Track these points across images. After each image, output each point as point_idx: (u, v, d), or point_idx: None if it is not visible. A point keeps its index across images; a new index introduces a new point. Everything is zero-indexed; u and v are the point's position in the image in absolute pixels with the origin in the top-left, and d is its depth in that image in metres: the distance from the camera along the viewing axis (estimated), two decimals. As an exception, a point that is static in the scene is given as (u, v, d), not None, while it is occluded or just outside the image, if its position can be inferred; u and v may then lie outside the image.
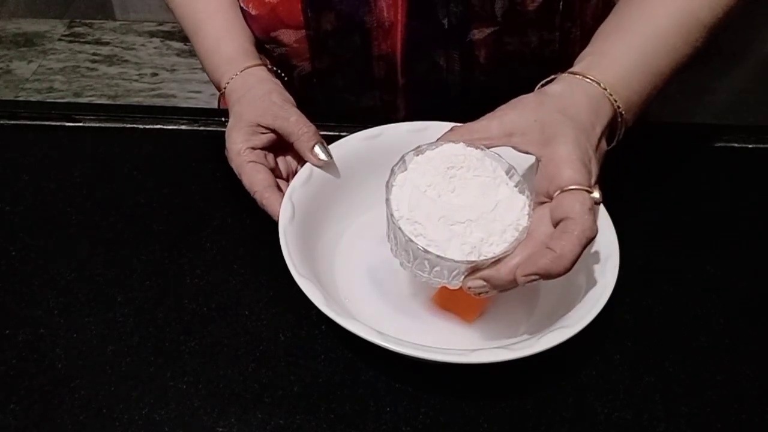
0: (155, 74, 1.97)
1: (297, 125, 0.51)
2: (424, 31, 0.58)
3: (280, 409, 0.43)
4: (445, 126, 0.54)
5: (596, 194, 0.42)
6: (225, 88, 0.56)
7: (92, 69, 1.98)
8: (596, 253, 0.47)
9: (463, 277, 0.42)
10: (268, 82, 0.55)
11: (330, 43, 0.59)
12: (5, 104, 0.64)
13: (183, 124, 0.63)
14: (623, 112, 0.47)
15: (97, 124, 0.63)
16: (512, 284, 0.40)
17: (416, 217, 0.41)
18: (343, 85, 0.63)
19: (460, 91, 0.63)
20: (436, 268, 0.41)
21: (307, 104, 0.54)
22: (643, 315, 0.49)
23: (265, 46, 0.61)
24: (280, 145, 0.53)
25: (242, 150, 0.51)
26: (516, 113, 0.45)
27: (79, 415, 0.42)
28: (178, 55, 2.05)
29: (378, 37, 0.58)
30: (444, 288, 0.48)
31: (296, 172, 0.51)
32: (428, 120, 0.54)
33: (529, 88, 0.62)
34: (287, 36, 0.59)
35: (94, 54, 2.03)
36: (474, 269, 0.41)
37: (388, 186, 0.42)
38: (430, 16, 0.57)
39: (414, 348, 0.41)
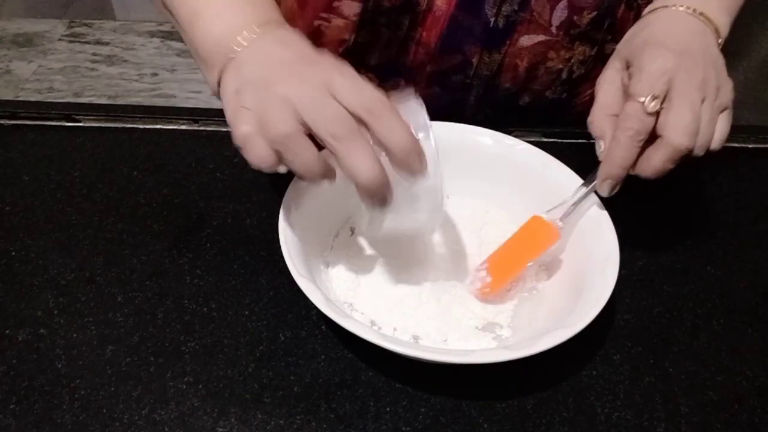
0: (155, 74, 1.98)
1: None
2: (466, 24, 0.58)
3: (280, 409, 0.43)
4: (445, 126, 0.55)
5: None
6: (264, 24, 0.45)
7: (92, 69, 1.98)
8: (596, 253, 0.47)
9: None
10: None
11: (381, 20, 0.59)
12: (5, 104, 0.64)
13: (183, 124, 0.63)
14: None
15: (97, 124, 0.63)
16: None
17: None
18: (374, 65, 0.63)
19: (480, 94, 0.64)
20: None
21: None
22: (643, 315, 0.49)
23: (314, 23, 0.60)
24: None
25: None
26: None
27: (79, 415, 0.42)
28: (178, 55, 2.05)
29: (425, 23, 0.58)
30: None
31: None
32: (433, 116, 0.54)
33: (541, 112, 0.62)
34: (348, 8, 0.58)
35: (94, 54, 2.03)
36: None
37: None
38: (477, 12, 0.57)
39: (414, 348, 0.41)
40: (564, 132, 0.64)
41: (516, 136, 0.55)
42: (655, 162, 0.46)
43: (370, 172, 0.39)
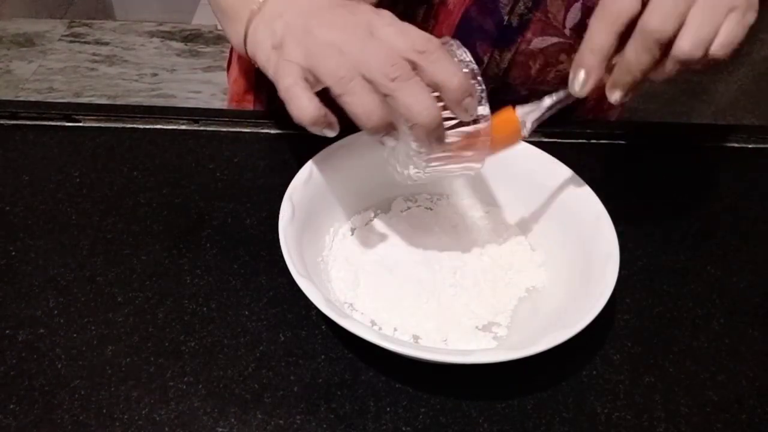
0: (155, 74, 1.98)
1: None
2: (479, 21, 0.57)
3: (280, 409, 0.43)
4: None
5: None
6: None
7: (92, 69, 1.98)
8: (596, 253, 0.47)
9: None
10: None
11: (398, 9, 0.58)
12: (5, 104, 0.64)
13: (183, 124, 0.63)
14: None
15: (97, 124, 0.63)
16: None
17: None
18: None
19: (487, 93, 0.64)
20: None
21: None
22: (643, 315, 0.49)
23: None
24: None
25: None
26: None
27: (79, 415, 0.42)
28: (178, 55, 2.05)
29: (439, 15, 0.58)
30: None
31: None
32: None
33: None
34: None
35: (94, 54, 2.03)
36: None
37: None
38: (492, 9, 0.57)
39: (414, 348, 0.41)
40: (564, 132, 0.64)
41: (516, 136, 0.55)
42: (628, 51, 0.40)
43: (432, 110, 0.37)
